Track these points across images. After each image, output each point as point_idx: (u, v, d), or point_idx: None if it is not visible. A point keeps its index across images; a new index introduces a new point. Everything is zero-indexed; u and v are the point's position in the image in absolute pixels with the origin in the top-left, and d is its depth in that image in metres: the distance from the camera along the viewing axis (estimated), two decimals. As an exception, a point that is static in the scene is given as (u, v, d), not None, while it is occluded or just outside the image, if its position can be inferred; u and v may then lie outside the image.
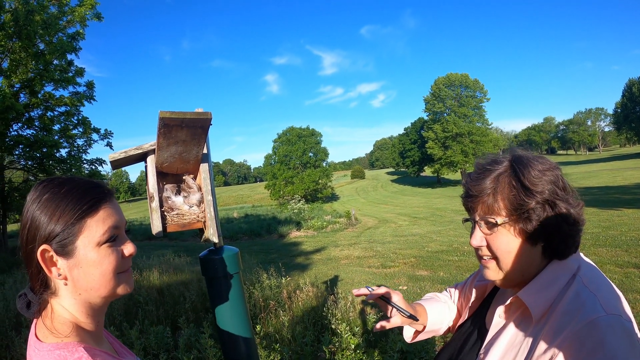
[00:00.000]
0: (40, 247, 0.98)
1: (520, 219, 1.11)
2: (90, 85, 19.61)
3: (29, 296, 1.04)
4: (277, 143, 70.49)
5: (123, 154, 1.56)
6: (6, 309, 6.82)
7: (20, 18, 15.46)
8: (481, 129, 70.89)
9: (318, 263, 13.02)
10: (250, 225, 26.66)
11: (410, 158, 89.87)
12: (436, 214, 28.11)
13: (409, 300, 1.85)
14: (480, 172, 1.20)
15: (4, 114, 15.04)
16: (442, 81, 74.22)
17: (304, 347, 4.79)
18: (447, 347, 1.47)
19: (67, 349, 0.96)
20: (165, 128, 1.41)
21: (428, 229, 19.75)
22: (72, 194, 1.02)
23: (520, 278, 1.17)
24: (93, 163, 19.55)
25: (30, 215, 1.00)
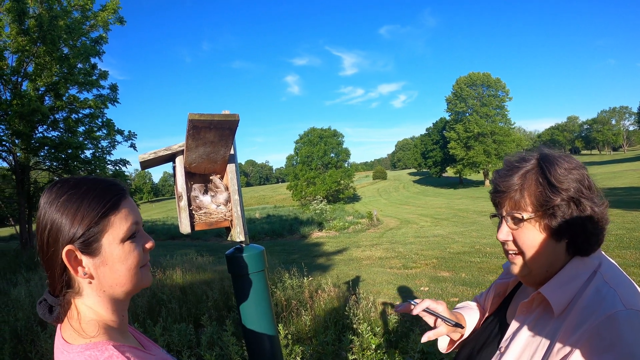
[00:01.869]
0: (65, 248, 0.99)
1: (545, 215, 1.13)
2: (113, 88, 19.86)
3: (50, 300, 1.04)
4: (299, 144, 70.54)
5: (153, 155, 1.60)
6: (32, 305, 6.94)
7: (45, 23, 15.74)
8: (504, 128, 70.17)
9: (340, 263, 13.02)
10: (272, 225, 26.68)
11: (432, 158, 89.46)
12: (458, 215, 27.90)
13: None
14: (509, 169, 1.22)
15: (29, 117, 15.34)
16: (463, 80, 73.72)
17: (325, 346, 4.81)
18: (469, 342, 1.49)
19: (96, 348, 0.98)
20: (194, 130, 1.45)
21: (450, 230, 19.62)
22: (92, 193, 1.04)
23: (544, 274, 1.19)
24: (117, 164, 19.81)
25: (49, 217, 1.01)
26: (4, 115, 16.05)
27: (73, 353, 0.97)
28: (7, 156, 17.72)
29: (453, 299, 7.80)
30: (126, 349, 1.00)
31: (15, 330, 5.89)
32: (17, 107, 15.23)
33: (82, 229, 1.00)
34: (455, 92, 74.84)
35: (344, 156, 68.96)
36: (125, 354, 0.98)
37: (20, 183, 17.63)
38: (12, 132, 15.96)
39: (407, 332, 5.54)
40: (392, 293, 8.56)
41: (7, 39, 16.77)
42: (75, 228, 1.00)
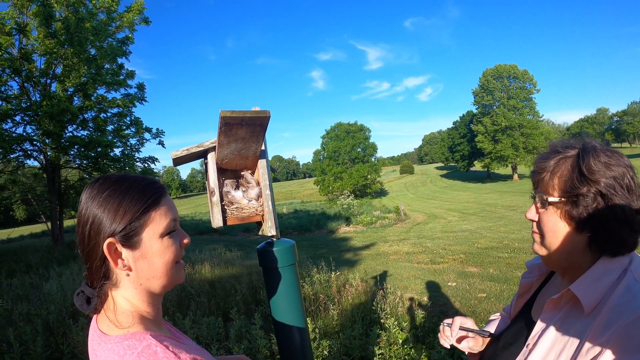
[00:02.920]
0: (107, 240, 1.03)
1: (568, 202, 1.13)
2: (141, 87, 20.24)
3: (87, 292, 1.07)
4: (326, 139, 70.63)
5: (185, 152, 1.63)
6: (64, 299, 7.09)
7: (71, 26, 16.07)
8: (531, 121, 68.97)
9: (367, 258, 13.00)
10: (299, 220, 26.70)
11: (460, 152, 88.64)
12: (486, 210, 27.62)
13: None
14: (550, 152, 1.23)
15: (59, 117, 15.69)
16: (490, 73, 72.67)
17: (352, 340, 4.83)
18: (495, 340, 1.50)
19: (134, 338, 1.00)
20: (226, 126, 1.49)
21: (478, 225, 19.45)
22: (134, 189, 1.07)
23: (564, 262, 1.20)
24: (146, 161, 20.16)
25: (90, 212, 1.04)
26: (35, 116, 16.44)
27: (111, 343, 1.00)
28: (38, 155, 18.20)
29: (481, 294, 7.76)
30: (163, 339, 1.03)
31: (47, 323, 6.03)
32: (46, 107, 15.58)
33: (123, 223, 1.04)
34: (481, 85, 73.81)
35: (371, 151, 68.86)
36: (163, 342, 1.00)
37: (51, 181, 18.02)
38: (42, 132, 16.35)
39: (434, 327, 5.54)
40: (420, 288, 8.53)
41: (35, 42, 17.29)
42: (117, 222, 1.03)
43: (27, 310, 6.76)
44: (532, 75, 70.52)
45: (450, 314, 6.70)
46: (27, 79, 16.84)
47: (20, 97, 17.30)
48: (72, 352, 5.06)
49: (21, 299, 7.73)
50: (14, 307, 7.05)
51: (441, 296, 7.86)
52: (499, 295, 7.63)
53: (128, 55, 19.53)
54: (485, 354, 1.50)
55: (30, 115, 16.80)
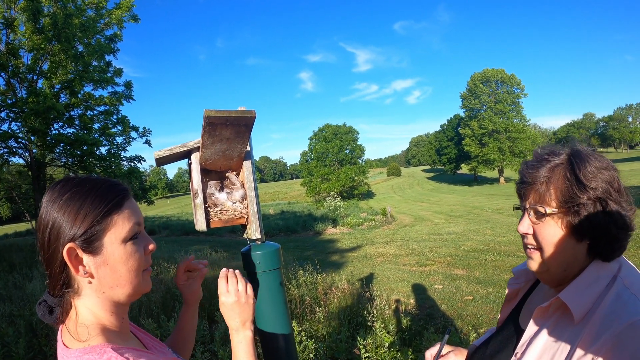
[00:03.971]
0: (67, 245, 0.98)
1: (569, 212, 1.11)
2: (128, 85, 20.07)
3: (49, 301, 1.04)
4: (314, 140, 70.83)
5: (168, 152, 1.60)
6: (47, 300, 7.02)
7: (59, 22, 15.92)
8: (518, 125, 69.65)
9: (354, 260, 13.03)
10: (286, 221, 26.75)
11: (447, 155, 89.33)
12: (473, 213, 27.83)
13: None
14: (538, 161, 1.19)
15: (45, 114, 15.51)
16: (478, 77, 73.29)
17: (338, 343, 4.82)
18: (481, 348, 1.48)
19: (95, 352, 0.97)
20: (210, 126, 1.45)
21: (464, 228, 19.58)
22: (95, 192, 1.03)
23: (562, 274, 1.17)
24: (132, 160, 19.98)
25: (50, 216, 1.00)
26: (20, 113, 16.25)
27: (72, 357, 0.98)
28: (23, 153, 17.98)
29: (467, 297, 7.78)
30: (125, 351, 0.99)
31: (30, 324, 5.95)
32: (32, 104, 15.39)
33: (84, 227, 1.00)
34: (469, 89, 74.38)
35: (359, 152, 69.16)
36: (124, 355, 0.97)
37: (36, 179, 17.85)
38: (28, 129, 16.16)
39: (421, 330, 5.55)
40: (406, 290, 8.55)
41: (22, 38, 17.10)
42: (77, 226, 0.99)
43: (9, 311, 6.68)
44: (519, 80, 71.23)
45: (437, 316, 6.73)
46: (14, 75, 16.66)
47: (6, 93, 17.09)
48: (54, 354, 4.98)
49: (4, 300, 7.65)
50: (-4, 308, 6.98)
51: (428, 299, 7.88)
52: (485, 297, 7.66)
53: (116, 53, 19.39)
54: None
55: (15, 112, 16.61)
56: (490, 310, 6.90)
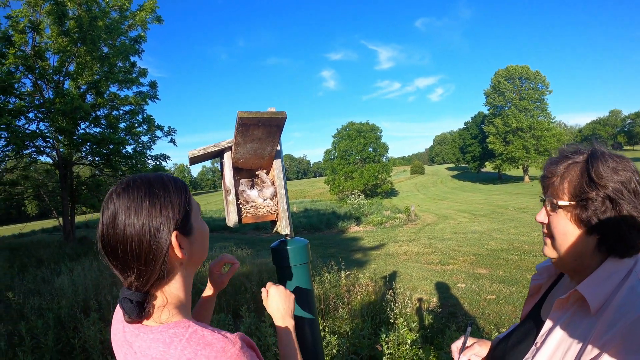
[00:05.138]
0: (172, 236, 1.07)
1: (577, 206, 1.16)
2: (153, 85, 20.41)
3: (135, 297, 1.06)
4: (337, 138, 70.61)
5: (202, 151, 1.67)
6: (75, 293, 7.17)
7: (84, 24, 16.28)
8: (543, 123, 68.18)
9: (377, 258, 13.02)
10: (309, 219, 26.72)
11: (471, 153, 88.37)
12: (497, 211, 27.54)
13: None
14: (560, 157, 1.26)
15: (72, 114, 15.87)
16: (501, 74, 72.06)
17: (361, 339, 4.86)
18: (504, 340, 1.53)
19: (179, 326, 1.04)
20: (243, 127, 1.52)
21: (488, 227, 19.41)
22: (169, 185, 1.11)
23: (573, 263, 1.23)
24: (157, 159, 20.27)
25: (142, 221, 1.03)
26: (48, 113, 16.67)
27: (154, 333, 1.04)
28: (50, 152, 18.41)
29: (490, 296, 7.76)
30: (204, 326, 1.06)
31: (59, 317, 6.10)
32: (59, 105, 15.77)
33: (179, 216, 1.09)
34: (493, 86, 73.22)
35: (382, 150, 68.78)
36: (205, 329, 1.03)
37: (63, 178, 18.22)
38: (55, 129, 16.52)
39: (443, 328, 5.55)
40: (429, 289, 8.54)
41: (48, 40, 17.45)
42: (174, 217, 1.08)
43: (38, 304, 6.84)
44: (544, 77, 69.82)
45: (459, 315, 6.72)
46: (41, 77, 17.00)
47: (34, 94, 17.49)
48: (82, 346, 5.11)
49: (33, 294, 7.82)
50: (26, 301, 7.14)
51: (450, 297, 7.87)
52: (508, 297, 7.63)
53: (140, 54, 19.63)
54: (495, 353, 1.52)
55: (43, 112, 17.05)
56: (513, 309, 6.88)
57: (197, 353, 0.98)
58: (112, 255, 1.06)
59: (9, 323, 6.27)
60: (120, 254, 1.04)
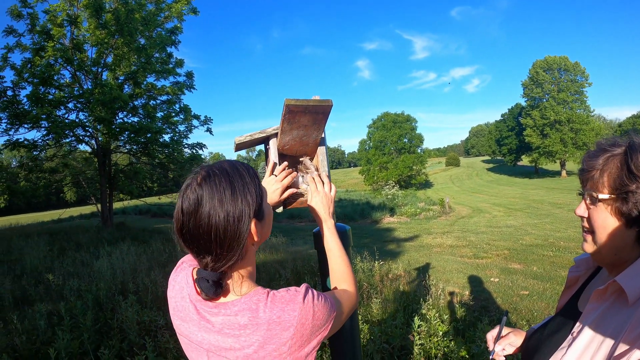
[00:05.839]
0: (252, 222, 1.14)
1: (618, 199, 1.16)
2: (189, 75, 20.62)
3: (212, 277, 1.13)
4: (372, 128, 70.41)
5: (249, 137, 1.72)
6: (113, 276, 7.37)
7: (121, 17, 16.59)
8: (582, 116, 66.57)
9: (410, 249, 13.00)
10: (343, 209, 26.70)
11: (507, 146, 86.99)
12: (532, 206, 27.11)
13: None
14: (598, 150, 1.26)
15: (110, 104, 16.24)
16: (539, 65, 70.46)
17: (393, 329, 4.88)
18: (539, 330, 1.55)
19: (258, 294, 1.14)
20: (289, 114, 1.57)
21: (523, 221, 19.17)
22: (244, 174, 1.17)
23: (613, 257, 1.24)
24: (194, 147, 20.59)
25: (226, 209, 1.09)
26: (87, 103, 17.03)
27: (237, 306, 1.13)
28: (89, 140, 18.86)
29: (523, 291, 7.71)
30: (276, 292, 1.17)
31: (97, 298, 6.28)
32: (98, 95, 16.14)
33: (256, 203, 1.16)
34: (531, 77, 71.62)
35: (417, 142, 68.37)
36: (278, 290, 1.16)
37: (101, 165, 18.67)
38: (94, 118, 16.94)
39: (475, 321, 5.55)
40: (462, 282, 8.53)
41: (86, 33, 17.86)
42: (252, 204, 1.15)
43: (77, 286, 7.06)
44: (583, 68, 67.95)
45: (491, 309, 6.70)
46: (79, 68, 17.39)
47: (73, 85, 17.94)
48: (120, 327, 5.25)
49: (72, 276, 8.03)
50: (65, 282, 7.36)
51: (483, 291, 7.84)
52: (541, 293, 7.56)
53: (177, 45, 19.76)
54: (530, 342, 1.54)
55: (82, 102, 17.45)
56: (546, 306, 6.81)
57: (284, 309, 1.11)
58: (191, 240, 1.12)
59: (49, 303, 6.44)
60: (202, 241, 1.10)
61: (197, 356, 1.22)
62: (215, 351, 1.15)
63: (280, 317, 1.10)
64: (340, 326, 1.34)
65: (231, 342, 1.12)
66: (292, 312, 1.10)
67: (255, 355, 1.10)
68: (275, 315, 1.10)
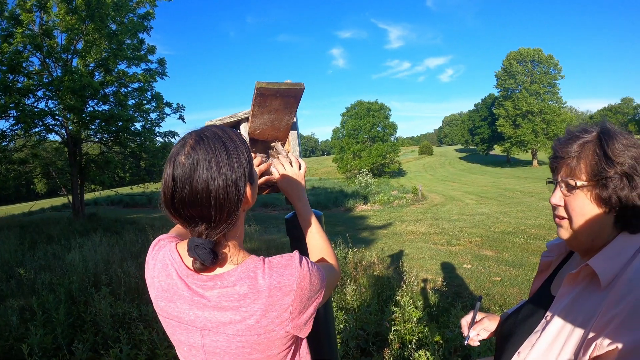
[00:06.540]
0: (247, 186, 1.11)
1: (597, 186, 1.17)
2: (161, 62, 20.29)
3: (207, 245, 1.08)
4: (346, 117, 70.41)
5: (219, 122, 1.68)
6: (85, 268, 7.26)
7: (92, 2, 16.27)
8: (553, 107, 67.59)
9: (384, 237, 13.10)
10: (317, 197, 26.80)
11: (480, 135, 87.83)
12: (504, 195, 27.51)
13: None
14: (570, 137, 1.27)
15: (80, 92, 15.92)
16: (513, 56, 71.25)
17: (368, 315, 4.91)
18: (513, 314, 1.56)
19: (253, 261, 1.12)
20: (260, 97, 1.53)
21: (495, 209, 19.43)
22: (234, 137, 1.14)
23: (589, 243, 1.25)
24: (166, 135, 20.41)
25: (223, 174, 1.05)
26: (56, 91, 16.68)
27: (234, 276, 1.10)
28: (59, 130, 18.57)
29: (495, 278, 7.82)
30: (268, 258, 1.15)
31: (69, 292, 6.17)
32: (68, 82, 15.77)
33: (249, 167, 1.13)
34: (504, 68, 72.40)
35: (391, 130, 68.55)
36: (272, 257, 1.15)
37: (72, 155, 18.36)
38: (64, 106, 16.64)
39: (448, 307, 5.61)
40: (435, 269, 8.61)
41: (56, 19, 17.35)
42: (246, 168, 1.12)
43: (49, 279, 6.93)
44: (557, 61, 68.94)
45: (464, 295, 6.79)
46: (49, 55, 17.01)
47: (42, 73, 17.52)
48: (93, 320, 5.17)
49: (44, 269, 7.89)
50: (37, 276, 7.23)
51: (456, 277, 7.94)
52: (513, 279, 7.68)
53: (149, 31, 19.38)
54: (504, 327, 1.55)
55: (51, 90, 17.04)
56: (518, 292, 6.92)
57: (283, 274, 1.10)
58: (185, 209, 1.07)
59: (21, 298, 6.37)
60: (199, 207, 1.06)
61: (188, 338, 1.17)
62: (212, 328, 1.11)
63: (280, 282, 1.09)
64: (329, 296, 1.35)
65: (230, 315, 1.09)
66: (291, 276, 1.10)
67: (257, 325, 1.08)
68: (276, 281, 1.08)
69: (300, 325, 1.13)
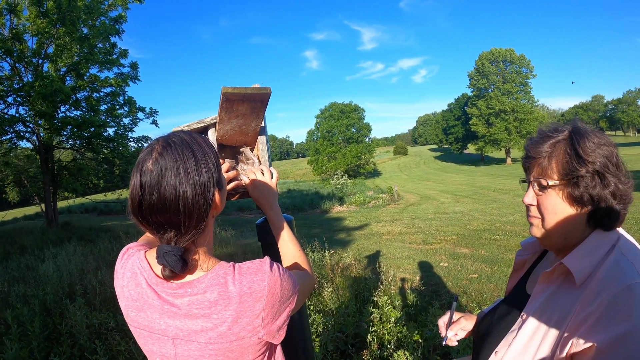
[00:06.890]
0: (215, 191, 1.10)
1: (569, 184, 1.19)
2: (134, 66, 20.00)
3: (177, 252, 1.07)
4: (320, 118, 70.40)
5: (186, 128, 1.65)
6: (60, 279, 7.12)
7: (63, 5, 15.94)
8: (526, 106, 68.61)
9: (360, 238, 13.11)
10: (293, 200, 26.80)
11: (454, 135, 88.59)
12: (479, 192, 27.77)
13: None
14: (541, 137, 1.28)
15: (52, 97, 15.56)
16: (486, 56, 72.09)
17: (346, 317, 4.91)
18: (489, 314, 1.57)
19: (223, 267, 1.11)
20: (227, 102, 1.51)
21: (470, 207, 19.58)
22: (201, 142, 1.12)
23: (562, 242, 1.26)
24: (139, 141, 20.14)
25: (192, 180, 1.04)
26: (27, 97, 16.33)
27: (204, 282, 1.08)
28: (30, 136, 18.19)
29: (472, 275, 7.87)
30: (238, 264, 1.14)
31: (44, 303, 6.04)
32: (39, 88, 15.42)
33: (217, 172, 1.13)
34: (477, 68, 73.23)
35: (365, 131, 68.70)
36: (242, 263, 1.14)
37: (44, 162, 18.00)
38: (35, 112, 16.29)
39: (426, 306, 5.63)
40: (412, 268, 8.64)
41: (26, 22, 17.03)
42: (215, 174, 1.10)
43: (23, 291, 6.77)
44: (528, 60, 69.83)
45: (442, 293, 6.81)
46: (19, 60, 16.65)
47: (12, 78, 17.11)
48: (69, 332, 5.08)
49: (17, 281, 7.74)
50: (11, 289, 7.08)
51: (433, 276, 7.96)
52: (490, 276, 7.74)
53: (121, 34, 19.13)
54: (481, 326, 1.56)
55: (22, 96, 16.63)
56: (495, 288, 6.98)
57: (253, 280, 1.09)
58: (153, 216, 1.05)
59: (-6, 312, 6.24)
60: (168, 214, 1.04)
61: (160, 348, 1.15)
62: (184, 337, 1.10)
63: (250, 287, 1.07)
64: (302, 303, 1.32)
65: (202, 322, 1.07)
66: (262, 282, 1.09)
67: (229, 332, 1.07)
68: (246, 287, 1.07)
69: (274, 332, 1.12)
